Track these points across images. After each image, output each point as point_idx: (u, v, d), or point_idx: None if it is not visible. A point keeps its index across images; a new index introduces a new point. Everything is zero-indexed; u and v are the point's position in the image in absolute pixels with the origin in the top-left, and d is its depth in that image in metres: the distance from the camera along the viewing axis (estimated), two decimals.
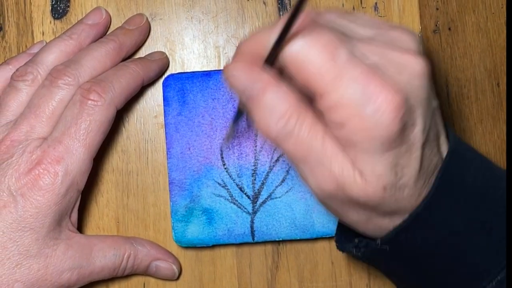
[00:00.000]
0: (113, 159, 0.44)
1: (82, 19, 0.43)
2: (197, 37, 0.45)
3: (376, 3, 0.45)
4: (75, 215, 0.41)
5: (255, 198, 0.42)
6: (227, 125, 0.42)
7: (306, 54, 0.29)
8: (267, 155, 0.42)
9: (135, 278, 0.44)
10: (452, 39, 0.45)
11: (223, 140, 0.42)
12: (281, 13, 0.45)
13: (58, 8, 0.45)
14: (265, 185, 0.42)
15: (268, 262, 0.44)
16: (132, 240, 0.42)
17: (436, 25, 0.45)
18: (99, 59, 0.41)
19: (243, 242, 0.42)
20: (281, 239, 0.42)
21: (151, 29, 0.45)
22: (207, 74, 0.43)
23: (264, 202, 0.42)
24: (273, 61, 0.30)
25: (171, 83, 0.43)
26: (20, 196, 0.38)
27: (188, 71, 0.45)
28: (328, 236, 0.42)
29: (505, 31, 0.45)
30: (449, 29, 0.45)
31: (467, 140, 0.45)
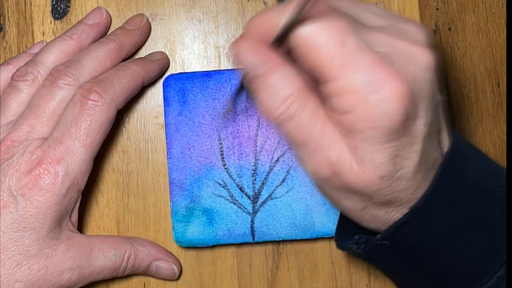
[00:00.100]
0: (113, 159, 0.44)
1: (82, 19, 0.43)
2: (198, 37, 0.45)
3: (376, 3, 0.45)
4: (75, 215, 0.41)
5: (255, 198, 0.42)
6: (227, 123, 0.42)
7: (317, 37, 0.29)
8: (268, 155, 0.42)
9: (135, 278, 0.44)
10: (452, 39, 0.45)
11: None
12: None
13: (59, 8, 0.45)
14: (265, 185, 0.42)
15: (268, 262, 0.44)
16: (133, 240, 0.42)
17: (436, 25, 0.45)
18: (99, 59, 0.41)
19: (243, 242, 0.42)
20: (281, 239, 0.42)
21: (151, 29, 0.45)
22: (207, 74, 0.43)
23: (264, 202, 0.42)
24: (282, 42, 0.30)
25: (172, 83, 0.43)
26: (20, 196, 0.38)
27: (188, 71, 0.45)
28: (328, 236, 0.42)
29: (505, 31, 0.45)
30: (449, 29, 0.45)
31: (467, 140, 0.45)
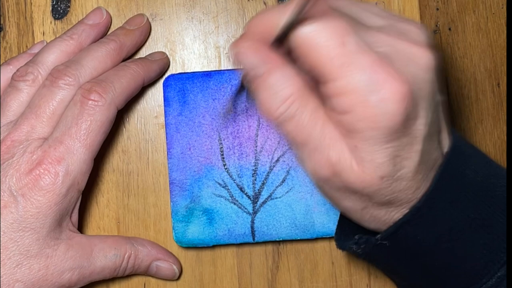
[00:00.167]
0: (113, 159, 0.44)
1: (82, 19, 0.43)
2: (198, 37, 0.45)
3: (376, 3, 0.45)
4: (75, 215, 0.41)
5: (255, 198, 0.42)
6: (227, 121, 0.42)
7: (317, 38, 0.29)
8: (268, 155, 0.42)
9: (135, 278, 0.44)
10: (452, 39, 0.45)
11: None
12: None
13: (59, 9, 0.45)
14: (265, 185, 0.42)
15: (269, 262, 0.44)
16: (133, 240, 0.42)
17: (436, 25, 0.45)
18: (99, 59, 0.41)
19: (243, 242, 0.42)
20: (281, 239, 0.42)
21: (151, 29, 0.45)
22: (207, 75, 0.43)
23: (264, 202, 0.42)
24: (282, 42, 0.30)
25: (172, 83, 0.43)
26: (20, 196, 0.38)
27: (188, 71, 0.45)
28: (328, 236, 0.42)
29: (505, 31, 0.45)
30: (449, 29, 0.45)
31: (467, 140, 0.45)
